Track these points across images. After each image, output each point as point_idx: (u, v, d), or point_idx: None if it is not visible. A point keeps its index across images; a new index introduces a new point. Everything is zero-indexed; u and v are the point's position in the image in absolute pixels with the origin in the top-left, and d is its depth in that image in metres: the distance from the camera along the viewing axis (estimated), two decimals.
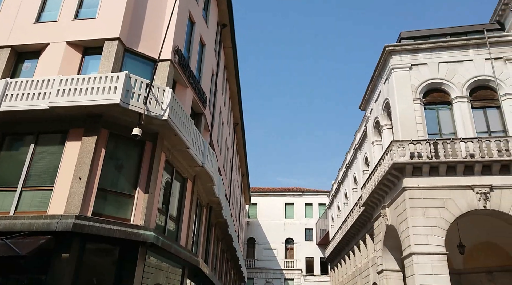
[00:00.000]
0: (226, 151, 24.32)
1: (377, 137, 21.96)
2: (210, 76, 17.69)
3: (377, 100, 21.34)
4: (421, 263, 14.71)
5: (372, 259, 22.45)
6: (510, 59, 17.64)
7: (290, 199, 46.97)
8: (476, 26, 19.29)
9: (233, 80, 24.15)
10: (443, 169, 15.73)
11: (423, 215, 15.37)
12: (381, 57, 19.76)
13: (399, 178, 16.53)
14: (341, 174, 34.07)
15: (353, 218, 26.12)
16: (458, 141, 15.92)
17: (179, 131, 11.38)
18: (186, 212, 13.56)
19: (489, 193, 15.13)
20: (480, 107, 17.65)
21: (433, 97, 18.22)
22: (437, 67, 18.37)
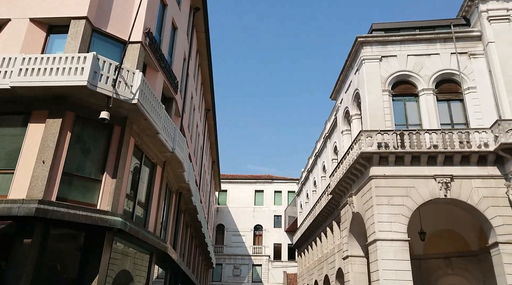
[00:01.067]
0: (197, 137, 24.11)
1: (346, 127, 22.39)
2: (181, 60, 17.37)
3: (347, 91, 21.69)
4: (384, 249, 15.28)
5: (338, 245, 23.09)
6: (474, 54, 18.31)
7: (260, 186, 47.38)
8: (444, 21, 19.85)
9: (206, 65, 23.82)
10: (408, 159, 16.27)
11: (388, 203, 15.90)
12: (352, 48, 20.02)
13: (366, 167, 16.98)
14: (310, 162, 34.60)
15: (321, 206, 26.68)
16: (423, 132, 16.48)
17: (149, 116, 11.15)
18: (155, 198, 13.41)
19: (450, 182, 15.81)
20: (444, 100, 18.30)
21: (401, 89, 18.71)
22: (406, 59, 18.82)
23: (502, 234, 14.90)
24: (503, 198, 15.30)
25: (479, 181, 15.77)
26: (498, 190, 15.49)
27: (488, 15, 18.11)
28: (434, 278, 20.33)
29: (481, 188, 15.65)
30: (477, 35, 18.43)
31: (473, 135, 16.12)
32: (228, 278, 43.21)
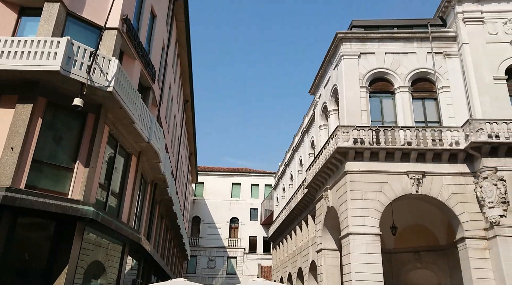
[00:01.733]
0: (174, 128, 23.84)
1: (324, 122, 22.61)
2: (160, 49, 17.09)
3: (326, 86, 21.86)
4: (357, 243, 15.59)
5: (312, 238, 23.41)
6: (449, 55, 18.76)
7: (237, 179, 47.41)
8: (421, 20, 20.22)
9: (185, 55, 23.51)
10: (383, 155, 16.59)
11: (362, 198, 16.20)
12: (332, 44, 20.16)
13: (342, 162, 17.22)
14: (288, 156, 34.82)
15: (297, 199, 26.95)
16: (398, 129, 16.82)
17: (125, 104, 10.94)
18: (129, 188, 13.22)
19: (422, 179, 16.23)
20: (419, 98, 18.70)
21: (378, 86, 19.00)
22: (384, 57, 19.10)
23: (469, 229, 15.43)
24: (471, 195, 15.82)
25: (449, 178, 16.25)
26: (467, 187, 16.00)
27: (464, 16, 18.55)
28: (403, 271, 20.91)
29: (451, 185, 16.13)
30: (452, 35, 18.87)
31: (445, 134, 16.56)
32: (203, 270, 43.21)
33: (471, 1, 18.74)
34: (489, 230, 15.03)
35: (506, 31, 18.26)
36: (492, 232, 14.83)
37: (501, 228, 14.66)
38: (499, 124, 15.81)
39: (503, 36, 18.16)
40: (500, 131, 15.69)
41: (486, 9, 18.64)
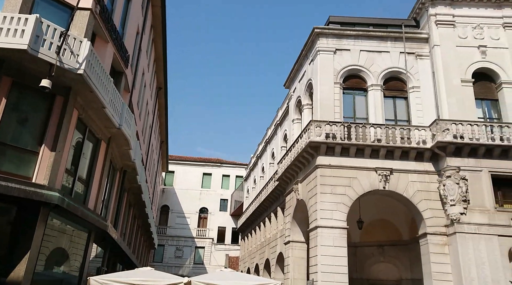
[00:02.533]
0: (146, 115, 23.38)
1: (297, 116, 22.78)
2: (134, 34, 16.64)
3: (301, 80, 22.00)
4: (324, 236, 15.90)
5: (281, 230, 23.69)
6: (421, 55, 19.27)
7: (209, 170, 47.20)
8: (396, 20, 20.64)
9: (160, 42, 23.01)
10: (353, 151, 16.93)
11: (331, 192, 16.50)
12: (309, 38, 20.26)
13: (313, 156, 17.44)
14: (260, 148, 34.94)
15: (267, 191, 27.14)
16: (369, 126, 17.18)
17: (96, 88, 10.59)
18: (97, 175, 12.89)
19: (389, 175, 16.70)
20: (391, 96, 19.15)
21: (352, 82, 19.30)
22: (359, 54, 19.39)
23: (431, 225, 16.05)
24: (435, 192, 16.42)
25: (415, 175, 16.79)
26: (431, 184, 16.60)
27: (436, 19, 19.07)
28: (367, 264, 21.55)
29: (416, 182, 16.69)
30: (424, 37, 19.38)
31: (414, 132, 17.07)
32: (170, 259, 42.96)
33: (444, 4, 19.28)
34: (450, 226, 15.69)
35: (475, 35, 18.92)
36: (452, 228, 15.48)
37: (460, 225, 15.33)
38: (464, 126, 16.44)
39: (472, 41, 18.82)
40: (464, 132, 16.32)
41: (458, 13, 19.23)
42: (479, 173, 16.11)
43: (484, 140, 16.25)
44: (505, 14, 19.14)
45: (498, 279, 14.52)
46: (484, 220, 15.42)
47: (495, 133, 16.41)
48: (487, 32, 18.97)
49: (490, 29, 19.02)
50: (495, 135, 16.36)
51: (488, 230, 15.24)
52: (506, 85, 18.09)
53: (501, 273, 14.58)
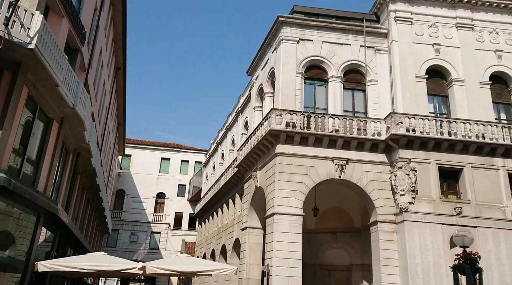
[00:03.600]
0: (103, 96, 22.51)
1: (259, 104, 22.85)
2: (92, 10, 15.85)
3: (264, 68, 22.02)
4: (280, 222, 16.23)
5: (238, 217, 23.90)
6: (380, 50, 19.85)
7: (167, 154, 46.43)
8: (358, 14, 21.07)
9: (119, 20, 22.07)
10: (312, 140, 17.28)
11: (289, 180, 16.81)
12: (273, 27, 20.24)
13: (273, 144, 17.63)
14: (220, 135, 34.80)
15: (226, 178, 27.18)
16: (328, 116, 17.58)
17: (48, 65, 10.01)
18: (48, 156, 12.30)
19: (345, 165, 17.24)
20: (350, 88, 19.65)
21: (313, 73, 19.58)
22: (321, 45, 19.66)
23: (381, 214, 16.82)
24: (386, 182, 17.18)
25: (369, 165, 17.46)
26: (383, 175, 17.33)
27: (395, 15, 19.67)
28: (321, 250, 22.28)
29: (370, 172, 17.36)
30: (384, 32, 19.96)
31: (370, 124, 17.67)
32: (124, 244, 42.14)
33: (403, 2, 19.90)
34: (399, 215, 16.52)
35: (430, 33, 19.73)
36: (401, 217, 16.32)
37: (408, 213, 16.19)
38: (416, 120, 17.23)
39: (427, 38, 19.63)
40: (416, 126, 17.11)
41: (416, 11, 19.93)
42: (427, 165, 17.02)
43: (434, 134, 17.13)
44: (458, 15, 20.08)
45: (439, 264, 15.54)
46: (430, 209, 16.37)
47: (444, 128, 17.35)
48: (441, 31, 19.84)
49: (444, 28, 19.90)
50: (444, 130, 17.30)
51: (433, 219, 16.21)
52: (456, 83, 19.09)
53: (442, 259, 15.61)
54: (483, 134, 17.34)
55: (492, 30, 20.17)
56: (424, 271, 15.43)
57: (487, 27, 20.19)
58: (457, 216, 16.33)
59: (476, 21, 20.15)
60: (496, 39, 20.07)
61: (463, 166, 17.21)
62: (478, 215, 16.48)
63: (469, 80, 19.09)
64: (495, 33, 20.14)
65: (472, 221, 16.27)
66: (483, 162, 17.33)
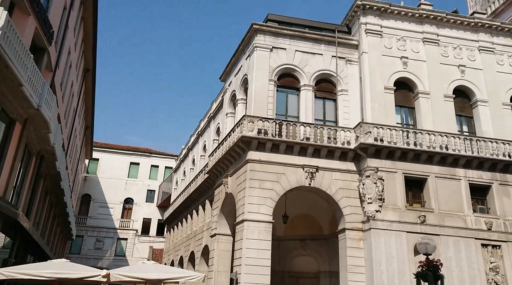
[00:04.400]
0: (70, 97, 21.84)
1: (231, 110, 22.85)
2: (61, 9, 15.41)
3: (237, 75, 22.06)
4: (250, 229, 16.19)
5: (208, 223, 23.66)
6: (350, 61, 20.32)
7: (137, 159, 45.54)
8: (330, 25, 21.51)
9: (90, 20, 21.55)
10: (283, 147, 17.40)
11: (259, 187, 16.84)
12: (247, 34, 20.34)
13: (244, 150, 17.63)
14: (192, 140, 34.48)
15: (197, 184, 26.93)
16: (299, 124, 17.78)
17: (12, 63, 9.62)
18: (9, 158, 11.77)
19: (315, 172, 17.45)
20: (321, 97, 19.97)
21: (286, 81, 19.79)
22: (294, 54, 19.91)
23: (349, 221, 17.10)
24: (354, 190, 17.51)
25: (338, 174, 17.74)
26: (352, 183, 17.66)
27: (366, 28, 20.21)
28: (289, 257, 22.38)
29: (339, 180, 17.65)
30: (355, 43, 20.46)
31: (340, 133, 18.00)
32: (89, 251, 40.82)
33: (374, 15, 20.50)
34: (366, 223, 16.84)
35: (398, 47, 20.40)
36: (368, 225, 16.65)
37: (375, 221, 16.54)
38: (384, 130, 17.70)
39: (396, 51, 20.27)
40: (384, 135, 17.58)
41: (385, 24, 20.57)
42: (394, 174, 17.48)
43: (401, 144, 17.65)
44: (425, 30, 20.88)
45: (404, 271, 15.93)
46: (396, 217, 16.80)
47: (410, 138, 17.91)
48: (409, 44, 20.56)
49: (412, 42, 20.63)
50: (410, 140, 17.85)
51: (398, 227, 16.63)
52: (422, 95, 19.79)
53: (407, 267, 16.02)
54: (446, 146, 18.01)
55: (456, 46, 21.08)
56: (389, 278, 15.78)
57: (451, 43, 21.08)
58: (421, 224, 16.83)
59: (441, 36, 21.01)
60: (459, 55, 20.99)
61: (428, 176, 17.79)
62: (441, 223, 17.05)
63: (434, 93, 19.83)
64: (458, 49, 21.07)
65: (435, 229, 16.82)
66: (446, 172, 17.98)
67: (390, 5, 20.49)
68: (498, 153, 18.34)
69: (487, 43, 21.39)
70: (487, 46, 21.32)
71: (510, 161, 18.34)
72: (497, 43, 21.52)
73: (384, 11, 20.52)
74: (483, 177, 18.26)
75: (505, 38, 21.73)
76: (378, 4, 20.32)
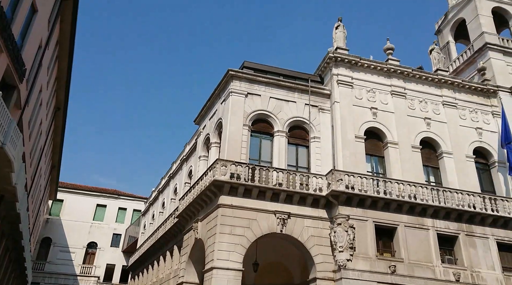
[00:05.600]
0: (38, 135, 21.20)
1: (204, 153, 22.73)
2: (36, 47, 15.32)
3: (211, 118, 22.20)
4: (219, 277, 15.57)
5: (175, 270, 22.65)
6: (323, 109, 20.92)
7: (104, 201, 43.94)
8: (304, 74, 22.31)
9: (65, 59, 21.46)
10: (255, 192, 17.26)
11: (230, 233, 16.43)
12: (223, 79, 20.76)
13: (216, 195, 17.35)
14: (163, 183, 33.78)
15: (165, 228, 26.06)
16: (272, 170, 17.81)
17: None
18: None
19: (287, 219, 17.27)
20: (294, 144, 20.25)
21: (260, 126, 20.05)
22: (268, 101, 20.36)
23: (320, 270, 16.78)
24: (326, 238, 17.35)
25: (310, 220, 17.63)
26: (323, 231, 17.53)
27: (338, 78, 21.07)
28: None
29: (311, 228, 17.50)
30: (327, 93, 21.19)
31: (312, 180, 18.11)
32: None
33: (345, 67, 21.47)
34: (337, 272, 16.57)
35: (368, 98, 21.26)
36: (339, 274, 16.37)
37: (346, 271, 16.29)
38: (355, 178, 17.95)
39: (366, 102, 21.09)
40: (355, 183, 17.80)
41: (356, 76, 21.53)
42: (365, 222, 17.54)
43: (371, 192, 17.88)
44: (393, 83, 21.96)
45: None
46: (367, 267, 16.63)
47: (380, 187, 18.20)
48: (378, 96, 21.48)
49: (381, 94, 21.58)
50: (380, 189, 18.13)
51: (369, 277, 16.42)
52: (391, 145, 20.41)
53: None
54: (414, 195, 18.38)
55: (422, 99, 22.19)
56: None
57: (417, 96, 22.19)
58: (391, 274, 16.71)
59: (408, 90, 22.12)
60: (425, 108, 22.05)
61: (397, 225, 17.94)
62: (411, 273, 16.99)
63: (402, 143, 20.51)
64: (424, 103, 22.16)
65: (405, 280, 16.71)
66: (415, 222, 18.20)
67: (360, 58, 21.58)
68: (463, 204, 18.84)
69: (450, 98, 22.66)
70: (450, 101, 22.56)
71: (475, 212, 18.82)
72: (459, 99, 22.83)
73: (354, 64, 21.55)
74: (450, 227, 18.60)
75: (466, 94, 23.11)
76: (349, 57, 21.36)
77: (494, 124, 22.59)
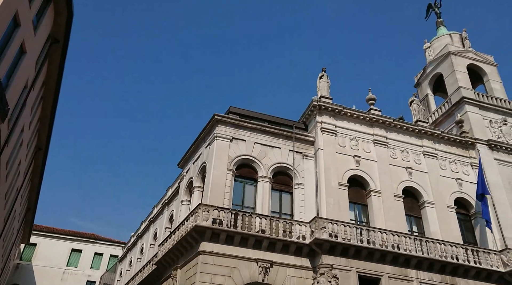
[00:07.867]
0: (15, 176, 20.62)
1: (187, 197, 22.34)
2: (21, 88, 15.30)
3: (196, 162, 22.07)
4: None
5: None
6: (307, 156, 21.09)
7: (79, 245, 42.15)
8: (289, 121, 22.68)
9: (50, 100, 21.39)
10: (238, 239, 16.85)
11: (210, 282, 15.80)
12: (208, 123, 20.91)
13: (197, 241, 16.85)
14: (143, 227, 32.77)
15: (143, 275, 24.95)
16: (255, 216, 17.53)
17: None
18: None
19: (269, 268, 16.77)
20: (278, 189, 20.14)
21: (244, 171, 19.98)
22: (253, 146, 20.46)
23: None
24: None
25: (293, 270, 17.15)
26: (306, 280, 17.03)
27: (322, 126, 21.46)
28: None
29: (294, 277, 16.98)
30: (311, 140, 21.47)
31: (295, 227, 17.84)
32: None
33: (329, 115, 21.96)
34: None
35: (351, 146, 21.60)
36: None
37: None
38: (338, 226, 17.77)
39: (349, 150, 21.39)
40: (338, 232, 17.59)
41: (339, 124, 21.98)
42: (348, 273, 17.14)
43: (354, 241, 17.64)
44: (375, 133, 22.45)
45: None
46: None
47: (364, 236, 18.00)
48: (361, 144, 21.85)
49: (363, 142, 21.97)
50: (363, 238, 17.92)
51: None
52: (374, 194, 20.49)
53: None
54: (398, 245, 18.20)
55: (403, 149, 22.65)
56: None
57: (399, 146, 22.66)
58: None
59: (390, 140, 22.60)
60: (407, 158, 22.45)
61: (381, 276, 17.56)
62: None
63: (385, 192, 20.61)
64: (406, 152, 22.61)
65: None
66: (399, 273, 17.88)
67: (343, 107, 22.15)
68: (446, 255, 18.70)
69: (430, 148, 23.19)
70: (430, 151, 23.07)
71: (458, 264, 18.65)
72: (439, 149, 23.39)
73: (338, 112, 22.08)
74: (434, 279, 18.30)
75: (445, 145, 23.73)
76: (332, 106, 21.92)
77: (473, 175, 23.01)
